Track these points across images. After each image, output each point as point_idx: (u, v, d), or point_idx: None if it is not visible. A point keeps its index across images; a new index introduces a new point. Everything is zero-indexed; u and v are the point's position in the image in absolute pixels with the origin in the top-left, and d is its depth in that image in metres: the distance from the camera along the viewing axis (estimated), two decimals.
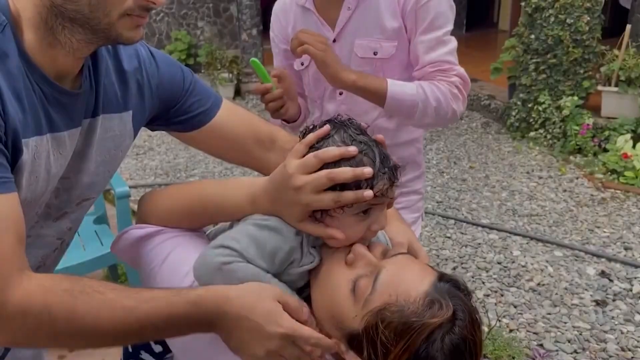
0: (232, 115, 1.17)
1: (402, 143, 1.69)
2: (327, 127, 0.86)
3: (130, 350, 1.12)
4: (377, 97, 1.45)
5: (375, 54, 1.52)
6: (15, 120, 0.79)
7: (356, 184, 0.80)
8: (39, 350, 1.28)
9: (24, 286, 0.75)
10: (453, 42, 1.51)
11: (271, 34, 1.72)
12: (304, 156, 0.84)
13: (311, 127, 0.88)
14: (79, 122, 0.93)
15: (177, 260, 0.95)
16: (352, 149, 0.81)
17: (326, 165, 0.81)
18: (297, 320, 0.82)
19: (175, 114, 1.12)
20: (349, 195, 0.80)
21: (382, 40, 1.50)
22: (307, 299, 0.91)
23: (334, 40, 1.56)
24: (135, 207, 1.31)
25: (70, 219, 1.02)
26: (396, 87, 1.45)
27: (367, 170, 0.80)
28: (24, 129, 0.81)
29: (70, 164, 0.95)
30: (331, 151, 0.81)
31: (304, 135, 0.88)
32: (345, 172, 0.80)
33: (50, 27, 0.83)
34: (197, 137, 1.15)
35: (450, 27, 1.49)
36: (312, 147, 0.84)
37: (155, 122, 1.13)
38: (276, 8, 1.67)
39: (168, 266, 0.95)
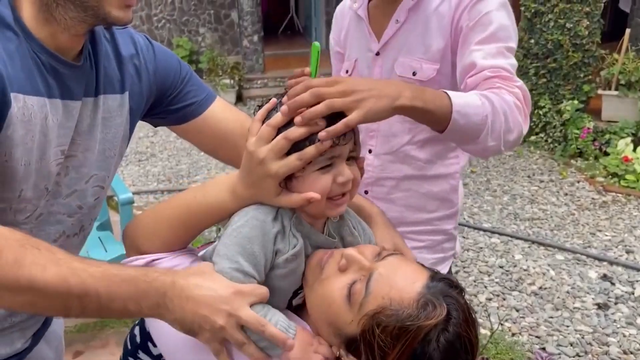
0: (226, 111, 1.21)
1: (433, 177, 1.49)
2: (273, 99, 0.89)
3: (129, 347, 1.14)
4: (437, 116, 1.03)
5: (414, 74, 1.39)
6: (3, 73, 0.83)
7: (310, 141, 0.83)
8: (60, 350, 1.32)
9: None
10: (515, 61, 1.28)
11: (330, 35, 1.70)
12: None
13: (260, 104, 0.91)
14: (79, 96, 0.97)
15: None
16: None
17: (280, 131, 0.84)
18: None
19: (172, 102, 1.16)
20: (310, 149, 0.82)
21: (424, 60, 1.38)
22: (302, 307, 0.93)
23: (377, 54, 1.46)
24: (138, 213, 1.32)
25: (80, 197, 1.05)
26: (459, 98, 1.06)
27: (321, 122, 0.82)
28: (13, 83, 0.85)
29: (78, 142, 0.99)
30: (279, 116, 0.84)
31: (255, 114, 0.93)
32: (299, 129, 0.82)
33: (45, 2, 0.87)
34: (190, 129, 1.18)
35: (512, 44, 1.29)
36: (265, 121, 0.88)
37: (154, 111, 1.17)
38: (337, 11, 1.64)
39: None
